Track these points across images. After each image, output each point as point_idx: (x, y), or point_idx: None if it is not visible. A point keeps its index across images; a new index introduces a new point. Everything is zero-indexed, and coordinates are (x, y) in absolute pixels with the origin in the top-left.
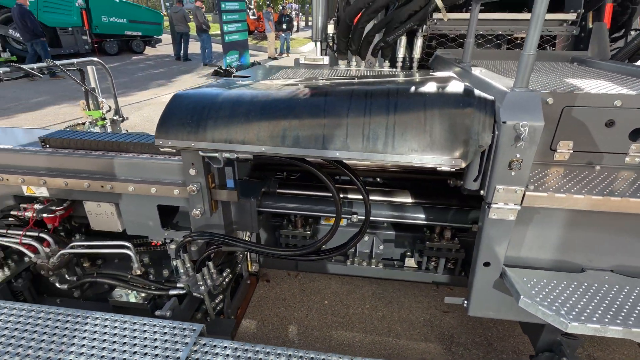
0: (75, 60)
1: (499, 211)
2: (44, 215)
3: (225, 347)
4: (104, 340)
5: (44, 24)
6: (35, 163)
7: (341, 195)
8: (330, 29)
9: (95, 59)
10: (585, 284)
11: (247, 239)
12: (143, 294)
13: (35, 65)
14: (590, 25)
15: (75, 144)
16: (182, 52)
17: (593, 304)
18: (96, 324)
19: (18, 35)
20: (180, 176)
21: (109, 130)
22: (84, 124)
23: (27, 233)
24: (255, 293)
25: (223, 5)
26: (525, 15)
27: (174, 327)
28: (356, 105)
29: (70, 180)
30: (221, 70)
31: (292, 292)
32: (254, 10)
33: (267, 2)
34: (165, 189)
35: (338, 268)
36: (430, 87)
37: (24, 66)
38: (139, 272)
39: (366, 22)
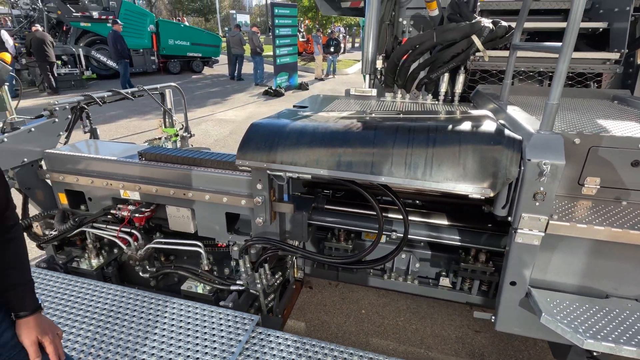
0: (158, 86)
1: (525, 236)
2: (136, 215)
3: (278, 337)
4: (181, 320)
5: None
6: (133, 172)
7: (382, 214)
8: (379, 64)
9: (173, 84)
10: (607, 309)
11: None
12: (209, 287)
13: (130, 90)
14: (639, 63)
15: (165, 158)
16: (236, 72)
17: (611, 325)
18: (174, 308)
19: (99, 55)
20: (247, 189)
21: (179, 144)
22: (160, 139)
23: (122, 229)
24: (300, 297)
25: (277, 31)
26: None
27: (236, 316)
28: (400, 139)
29: (159, 187)
30: (271, 90)
31: (332, 300)
32: (304, 33)
33: (317, 27)
34: (234, 199)
35: (376, 281)
36: (466, 126)
37: (122, 91)
38: (206, 268)
39: (412, 62)
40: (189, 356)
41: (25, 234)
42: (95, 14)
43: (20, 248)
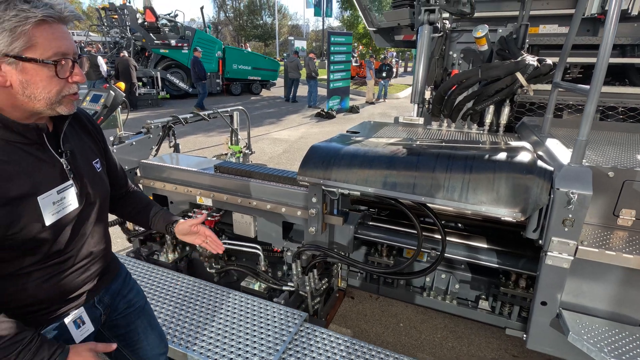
0: (229, 109)
1: (554, 259)
2: (208, 218)
3: (323, 332)
4: (241, 310)
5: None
6: (209, 182)
7: (422, 232)
8: (427, 94)
9: (240, 107)
10: (636, 335)
11: None
12: (264, 285)
13: (206, 113)
14: None
15: (236, 172)
16: (291, 94)
17: (637, 350)
18: (235, 299)
19: (172, 78)
20: (302, 202)
21: (241, 160)
22: (226, 154)
23: None
24: (342, 306)
25: (332, 57)
26: (615, 89)
27: (287, 311)
28: (440, 165)
29: (229, 196)
30: (323, 113)
31: (372, 311)
32: (357, 58)
33: (370, 53)
34: (291, 210)
35: (415, 298)
36: (502, 155)
37: (200, 113)
38: (263, 269)
39: (458, 95)
40: (247, 339)
41: (119, 228)
42: (172, 42)
43: (142, 193)
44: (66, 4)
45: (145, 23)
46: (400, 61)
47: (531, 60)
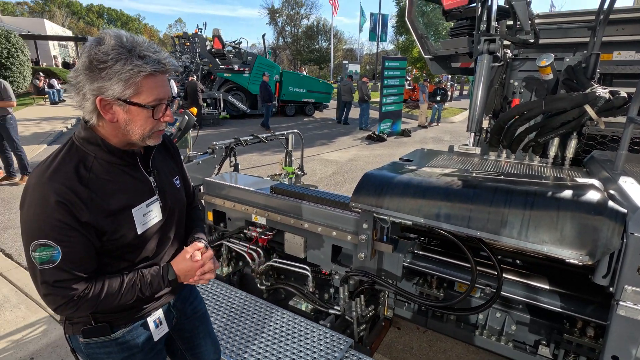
0: (285, 132)
1: (628, 310)
2: (261, 236)
3: None
4: (288, 328)
5: (249, 92)
6: (265, 202)
7: (477, 267)
8: (485, 123)
9: (296, 130)
10: None
11: None
12: (311, 306)
13: (265, 135)
14: None
15: (291, 193)
16: (343, 116)
17: None
18: (283, 317)
19: (233, 100)
20: (353, 227)
21: (293, 181)
22: (279, 175)
23: (251, 246)
24: (387, 335)
25: (385, 82)
26: None
27: (333, 335)
28: (498, 199)
29: (282, 216)
30: (374, 135)
31: (419, 344)
32: (410, 81)
33: (424, 76)
34: (342, 234)
35: (466, 335)
36: (567, 193)
37: (260, 136)
38: (311, 290)
39: (519, 126)
40: (293, 359)
41: None
42: (235, 67)
43: (200, 213)
44: (170, 59)
45: (213, 49)
46: (455, 84)
47: (602, 91)
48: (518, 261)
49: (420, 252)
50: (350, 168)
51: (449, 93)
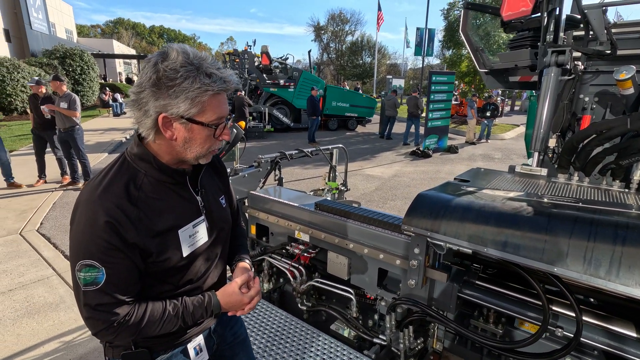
0: (330, 146)
1: None
2: (304, 254)
3: None
4: (330, 357)
5: (293, 106)
6: (309, 218)
7: (549, 305)
8: (552, 142)
9: (340, 145)
10: None
11: None
12: (353, 333)
13: (309, 150)
14: None
15: (336, 211)
16: (386, 131)
17: None
18: (325, 343)
19: (278, 114)
20: (403, 251)
21: (336, 196)
22: (323, 189)
23: (293, 263)
24: None
25: (432, 97)
26: None
27: None
28: (579, 231)
29: (326, 234)
30: (418, 151)
31: None
32: (457, 96)
33: (473, 91)
34: (390, 258)
35: None
36: None
37: (305, 150)
38: (354, 315)
39: (596, 146)
40: None
41: None
42: (281, 82)
43: (243, 229)
44: (232, 77)
45: (261, 65)
46: (506, 100)
47: None
48: (592, 299)
49: (477, 282)
50: (394, 184)
51: (500, 108)
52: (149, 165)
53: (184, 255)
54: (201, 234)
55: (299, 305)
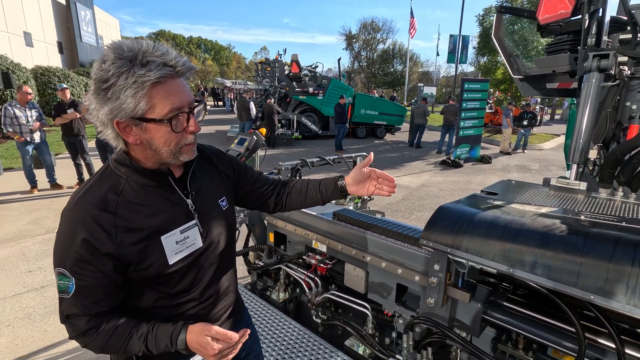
0: (353, 154)
1: None
2: (321, 264)
3: None
4: None
5: (322, 114)
6: (326, 228)
7: (585, 334)
8: (593, 154)
9: (364, 153)
10: None
11: None
12: (369, 351)
13: (332, 158)
14: None
15: (354, 222)
16: (415, 140)
17: None
18: None
19: (306, 121)
20: (422, 266)
21: (359, 205)
22: (345, 199)
23: (309, 274)
24: None
25: (464, 104)
26: None
27: None
28: (622, 254)
29: (343, 245)
30: (449, 161)
31: None
32: (492, 104)
33: (509, 99)
34: (408, 273)
35: None
36: None
37: (326, 158)
38: (370, 332)
39: None
40: None
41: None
42: (310, 89)
43: (298, 180)
44: (179, 58)
45: (291, 73)
46: (545, 108)
47: None
48: (627, 325)
49: (504, 303)
50: (421, 194)
51: (539, 117)
52: (128, 169)
53: (170, 262)
54: (192, 240)
55: (314, 317)
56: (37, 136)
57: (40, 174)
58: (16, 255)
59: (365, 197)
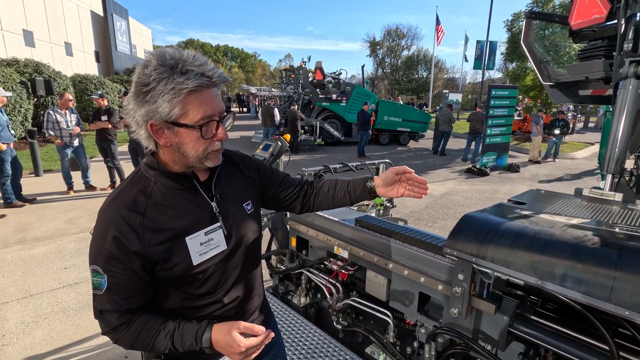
0: (376, 161)
1: None
2: (342, 270)
3: None
4: None
5: (345, 120)
6: (348, 234)
7: (619, 352)
8: (629, 164)
9: (387, 160)
10: None
11: None
12: (389, 359)
13: (354, 164)
14: None
15: (376, 228)
16: (440, 147)
17: None
18: None
19: (329, 127)
20: (445, 275)
21: (381, 212)
22: (367, 205)
23: (330, 279)
24: None
25: (491, 111)
26: None
27: None
28: None
29: (365, 252)
30: (475, 169)
31: None
32: (521, 111)
33: (539, 106)
34: (431, 282)
35: None
36: None
37: (348, 164)
38: (392, 341)
39: None
40: None
41: (265, 263)
42: (333, 96)
43: (326, 180)
44: (216, 70)
45: (314, 80)
46: (578, 115)
47: None
48: None
49: (532, 317)
50: (445, 203)
51: (571, 125)
52: (157, 172)
53: (194, 263)
54: (216, 242)
55: (334, 323)
56: (75, 140)
57: (76, 176)
58: (53, 252)
59: (387, 204)
